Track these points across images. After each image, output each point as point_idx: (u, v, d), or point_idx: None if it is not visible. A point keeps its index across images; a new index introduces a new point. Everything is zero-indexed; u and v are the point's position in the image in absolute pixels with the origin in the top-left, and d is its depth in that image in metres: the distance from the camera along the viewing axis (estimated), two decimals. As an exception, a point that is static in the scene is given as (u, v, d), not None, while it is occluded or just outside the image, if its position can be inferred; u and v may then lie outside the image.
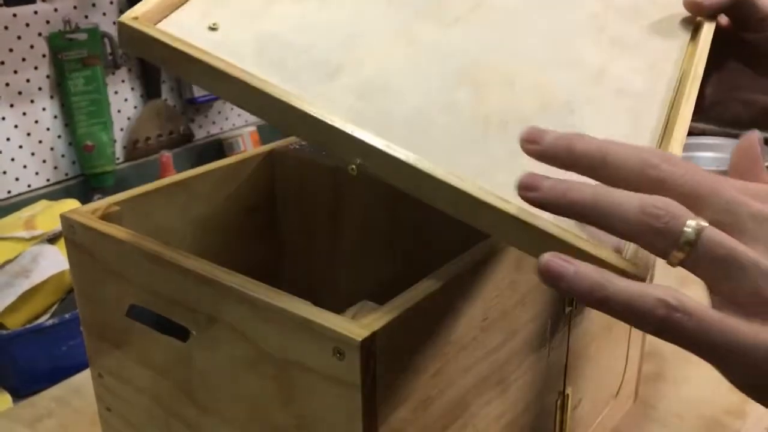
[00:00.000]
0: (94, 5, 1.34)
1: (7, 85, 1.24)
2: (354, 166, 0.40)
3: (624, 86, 0.46)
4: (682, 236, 0.27)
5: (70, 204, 1.18)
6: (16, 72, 1.24)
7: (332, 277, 0.73)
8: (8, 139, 1.26)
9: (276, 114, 0.42)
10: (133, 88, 1.44)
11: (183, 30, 0.45)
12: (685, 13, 0.51)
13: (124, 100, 1.43)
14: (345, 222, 0.71)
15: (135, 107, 1.45)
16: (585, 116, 0.44)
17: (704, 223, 0.27)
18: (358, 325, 0.38)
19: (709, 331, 0.26)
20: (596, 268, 0.28)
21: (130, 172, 1.45)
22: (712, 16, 0.50)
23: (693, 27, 0.50)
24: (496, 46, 0.49)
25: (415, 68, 0.46)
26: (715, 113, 0.55)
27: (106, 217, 0.59)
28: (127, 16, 0.44)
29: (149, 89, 1.46)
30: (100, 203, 0.60)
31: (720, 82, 0.54)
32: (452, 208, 0.38)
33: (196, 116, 1.59)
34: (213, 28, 0.45)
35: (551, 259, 0.28)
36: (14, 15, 1.21)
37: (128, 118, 1.45)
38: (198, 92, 1.52)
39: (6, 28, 1.21)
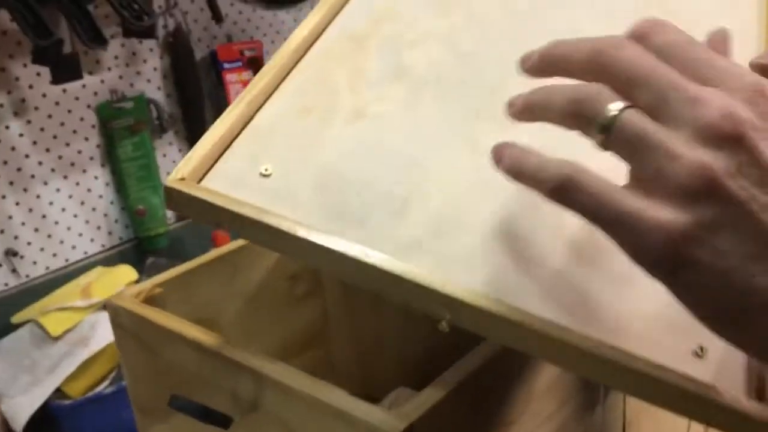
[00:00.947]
0: (138, 73, 1.37)
1: (60, 157, 1.27)
2: (444, 323, 0.36)
3: None
4: (600, 120, 0.28)
5: (124, 270, 1.20)
6: (68, 144, 1.27)
7: (378, 339, 0.72)
8: (63, 210, 1.28)
9: (351, 271, 0.37)
10: (180, 150, 1.47)
11: (234, 183, 0.40)
12: None
13: (172, 162, 1.45)
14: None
15: (184, 168, 1.48)
16: None
17: (623, 107, 0.28)
18: (394, 416, 0.37)
19: (600, 194, 0.28)
20: (523, 150, 0.32)
21: (183, 232, 1.46)
22: None
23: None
24: (565, 144, 0.43)
25: (486, 188, 0.40)
26: None
27: (149, 300, 0.59)
28: (173, 178, 0.40)
29: (196, 149, 1.48)
30: (145, 285, 0.61)
31: None
32: (557, 360, 0.34)
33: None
34: (265, 174, 0.41)
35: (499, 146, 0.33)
36: (63, 90, 1.24)
37: (178, 179, 1.47)
38: (244, 148, 1.54)
39: (57, 103, 1.25)
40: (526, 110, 0.33)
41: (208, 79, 1.49)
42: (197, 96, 1.46)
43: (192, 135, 1.47)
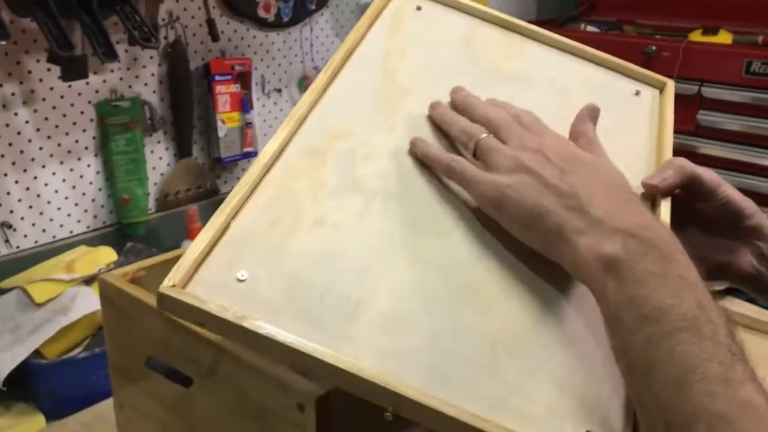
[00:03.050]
0: (137, 77, 1.45)
1: (59, 145, 1.35)
2: (389, 414, 0.40)
3: None
4: (472, 143, 0.52)
5: (106, 251, 1.28)
6: (67, 134, 1.35)
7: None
8: (56, 191, 1.36)
9: (312, 367, 0.42)
10: (167, 148, 1.55)
11: (215, 288, 0.43)
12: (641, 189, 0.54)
13: (158, 158, 1.54)
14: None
15: (168, 165, 1.56)
16: (577, 322, 0.46)
17: (484, 136, 0.51)
18: (317, 386, 0.47)
19: (464, 170, 0.50)
20: (427, 144, 0.54)
21: (161, 222, 1.54)
22: (667, 193, 0.54)
23: (650, 201, 0.54)
24: (489, 253, 0.49)
25: (424, 292, 0.46)
26: None
27: (134, 280, 0.68)
28: (165, 285, 0.43)
29: (182, 149, 1.56)
30: (130, 268, 0.69)
31: None
32: None
33: (223, 173, 1.69)
34: (241, 280, 0.44)
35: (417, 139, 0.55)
36: (69, 86, 1.32)
37: (161, 174, 1.55)
38: (225, 153, 1.62)
39: (62, 97, 1.33)
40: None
41: (200, 88, 1.58)
42: (188, 102, 1.55)
43: (179, 136, 1.56)
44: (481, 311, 0.46)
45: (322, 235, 0.48)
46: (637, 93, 0.65)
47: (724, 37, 2.08)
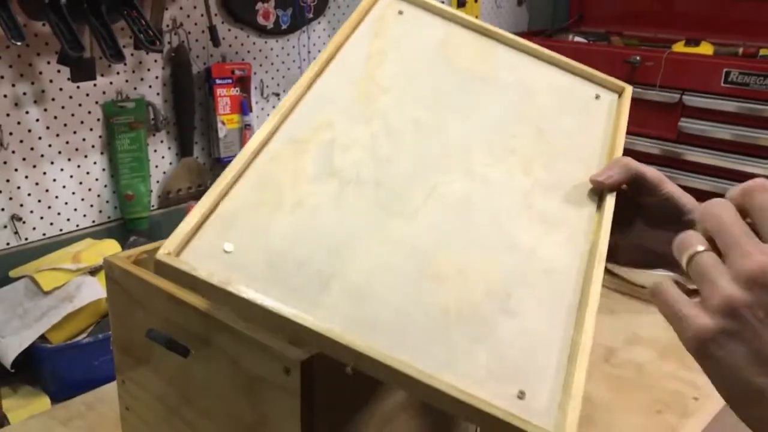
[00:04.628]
0: (142, 79, 1.49)
1: (67, 142, 1.38)
2: (349, 368, 0.44)
3: (549, 266, 0.52)
4: (685, 256, 0.41)
5: (111, 243, 1.31)
6: (75, 132, 1.39)
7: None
8: (64, 187, 1.40)
9: (286, 329, 0.45)
10: (169, 148, 1.59)
11: (205, 257, 0.47)
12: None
13: (161, 157, 1.58)
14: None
15: (170, 163, 1.60)
16: (520, 299, 0.50)
17: (702, 250, 0.40)
18: (301, 351, 0.50)
19: (667, 300, 0.41)
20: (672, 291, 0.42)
21: (162, 218, 1.58)
22: (612, 189, 0.57)
23: (598, 196, 0.58)
24: (449, 236, 0.53)
25: (390, 268, 0.50)
26: (621, 257, 0.63)
27: (137, 262, 0.71)
28: (162, 253, 0.46)
29: (183, 149, 1.60)
30: (134, 251, 0.73)
31: (624, 233, 0.61)
32: (431, 401, 0.44)
33: (222, 172, 1.73)
34: (227, 251, 0.48)
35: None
36: (78, 87, 1.36)
37: (164, 172, 1.59)
38: (224, 153, 1.66)
39: (70, 97, 1.36)
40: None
41: (201, 90, 1.62)
42: (190, 104, 1.59)
43: (181, 136, 1.59)
44: (438, 286, 0.49)
45: (301, 215, 0.51)
46: (597, 97, 0.68)
47: (705, 49, 2.12)
